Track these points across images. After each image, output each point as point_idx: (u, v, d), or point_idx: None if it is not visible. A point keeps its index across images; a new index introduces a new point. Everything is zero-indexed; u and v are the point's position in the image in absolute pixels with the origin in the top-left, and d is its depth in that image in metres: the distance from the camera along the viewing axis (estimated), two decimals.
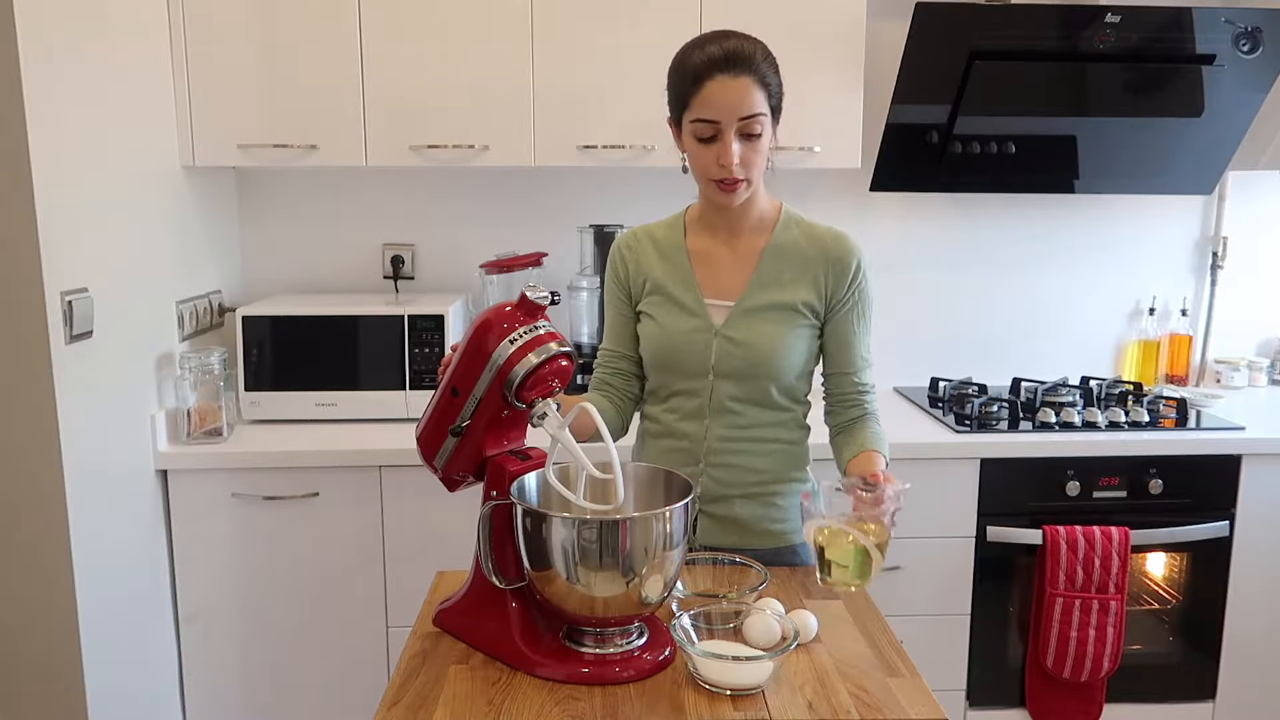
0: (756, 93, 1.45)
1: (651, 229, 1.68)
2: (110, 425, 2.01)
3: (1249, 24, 2.40)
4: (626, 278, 1.66)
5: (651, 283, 1.62)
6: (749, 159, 1.48)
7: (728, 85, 1.44)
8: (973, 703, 2.45)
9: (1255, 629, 2.47)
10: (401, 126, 2.35)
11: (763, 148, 1.49)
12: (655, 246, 1.65)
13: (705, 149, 1.49)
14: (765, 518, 1.62)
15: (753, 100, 1.45)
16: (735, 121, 1.45)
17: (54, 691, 1.89)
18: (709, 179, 1.51)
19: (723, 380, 1.58)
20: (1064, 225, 2.88)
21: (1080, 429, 2.43)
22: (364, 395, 2.39)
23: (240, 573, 2.27)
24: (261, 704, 2.33)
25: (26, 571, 1.85)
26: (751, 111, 1.45)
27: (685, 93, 1.48)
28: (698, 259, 1.61)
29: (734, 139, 1.46)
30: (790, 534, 1.64)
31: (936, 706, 1.20)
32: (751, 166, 1.49)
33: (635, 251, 1.66)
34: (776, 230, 1.60)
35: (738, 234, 1.60)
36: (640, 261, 1.64)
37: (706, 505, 1.62)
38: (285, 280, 2.76)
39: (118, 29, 2.06)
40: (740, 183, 1.50)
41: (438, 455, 1.37)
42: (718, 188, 1.51)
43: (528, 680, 1.24)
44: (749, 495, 1.61)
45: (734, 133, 1.46)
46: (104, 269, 1.97)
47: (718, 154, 1.47)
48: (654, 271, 1.63)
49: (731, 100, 1.45)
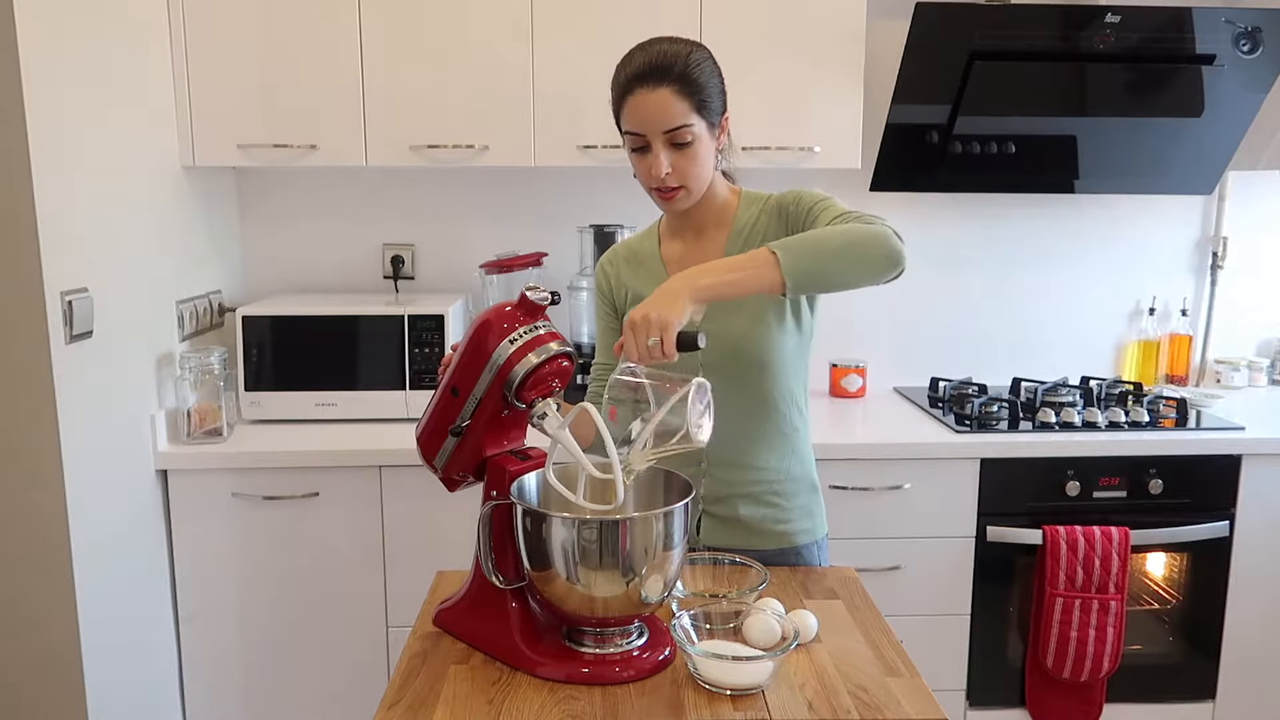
0: (678, 103, 1.44)
1: (629, 243, 1.72)
2: (110, 425, 2.01)
3: (1249, 24, 2.40)
4: (610, 293, 1.70)
5: (632, 294, 1.65)
6: (682, 168, 1.48)
7: (648, 99, 1.44)
8: (973, 703, 2.45)
9: (1255, 629, 2.47)
10: (401, 126, 2.35)
11: (699, 154, 1.48)
12: (631, 258, 1.68)
13: (639, 160, 1.50)
14: (769, 518, 1.62)
15: (673, 112, 1.44)
16: (659, 134, 1.46)
17: (54, 691, 1.89)
18: (648, 188, 1.53)
19: (714, 377, 1.57)
20: (1064, 225, 2.89)
21: (1080, 429, 2.43)
22: (364, 395, 2.39)
23: (240, 573, 2.27)
24: (261, 704, 2.33)
25: (26, 571, 1.85)
26: (674, 124, 1.44)
27: (615, 106, 1.51)
28: (672, 264, 1.63)
29: (662, 149, 1.46)
30: (794, 534, 1.64)
31: (936, 706, 1.20)
32: (687, 175, 1.49)
33: (615, 266, 1.69)
34: (736, 217, 1.60)
35: (702, 232, 1.62)
36: (620, 275, 1.68)
37: (710, 506, 1.62)
38: (285, 280, 2.76)
39: (118, 29, 2.06)
40: (677, 191, 1.50)
41: (438, 455, 1.37)
42: (658, 195, 1.53)
43: (528, 680, 1.24)
44: (752, 495, 1.61)
45: (661, 144, 1.46)
46: (104, 269, 1.97)
47: (649, 165, 1.49)
48: (633, 283, 1.65)
49: (652, 114, 1.44)
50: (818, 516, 1.67)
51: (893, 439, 2.34)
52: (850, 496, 2.32)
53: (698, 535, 1.63)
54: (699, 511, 1.62)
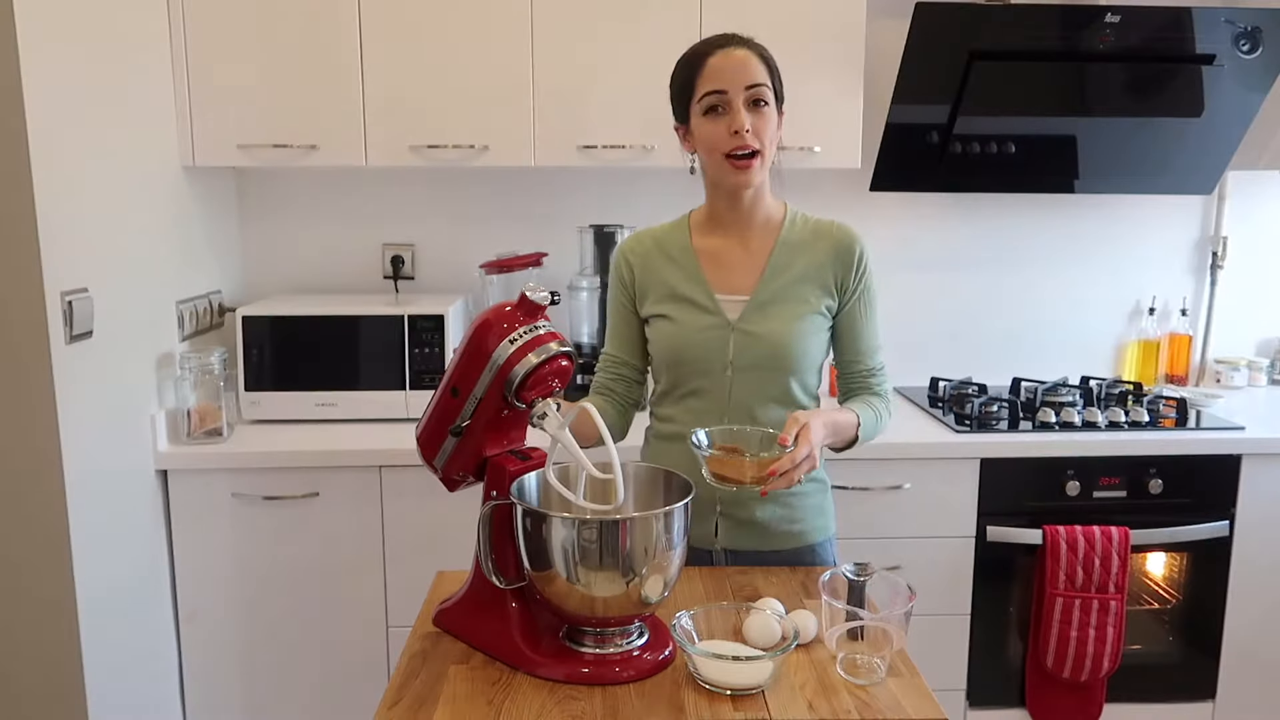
0: (759, 64, 1.50)
1: (654, 232, 1.67)
2: (110, 425, 2.01)
3: (1249, 24, 2.40)
4: (631, 283, 1.65)
5: (661, 286, 1.62)
6: (760, 129, 1.50)
7: (731, 55, 1.49)
8: (973, 703, 2.45)
9: (1255, 629, 2.47)
10: (401, 126, 2.35)
11: (771, 121, 1.51)
12: (660, 249, 1.64)
13: (715, 123, 1.50)
14: (784, 519, 1.63)
15: (756, 69, 1.49)
16: (742, 90, 1.49)
17: (54, 691, 1.89)
18: (722, 155, 1.51)
19: (741, 375, 1.58)
20: (1064, 225, 2.89)
21: (1080, 429, 2.43)
22: (364, 395, 2.39)
23: (240, 573, 2.27)
24: (261, 704, 2.33)
25: (27, 571, 1.85)
26: (756, 80, 1.49)
27: (690, 79, 1.51)
28: (706, 258, 1.61)
29: (743, 106, 1.49)
30: (808, 534, 1.65)
31: (936, 706, 1.20)
32: (763, 137, 1.51)
33: (640, 255, 1.65)
34: (784, 228, 1.61)
35: (748, 232, 1.61)
36: (646, 265, 1.64)
37: (727, 509, 1.62)
38: (285, 280, 2.76)
39: (118, 29, 2.06)
40: (755, 157, 1.50)
41: (438, 455, 1.37)
42: (731, 166, 1.51)
43: (528, 680, 1.24)
44: (768, 497, 1.61)
45: (742, 100, 1.49)
46: (104, 269, 1.97)
47: (729, 123, 1.49)
48: (661, 274, 1.62)
49: (736, 69, 1.49)
50: (828, 514, 1.69)
51: (892, 439, 2.33)
52: (850, 496, 2.32)
53: (715, 538, 1.63)
54: (716, 514, 1.63)
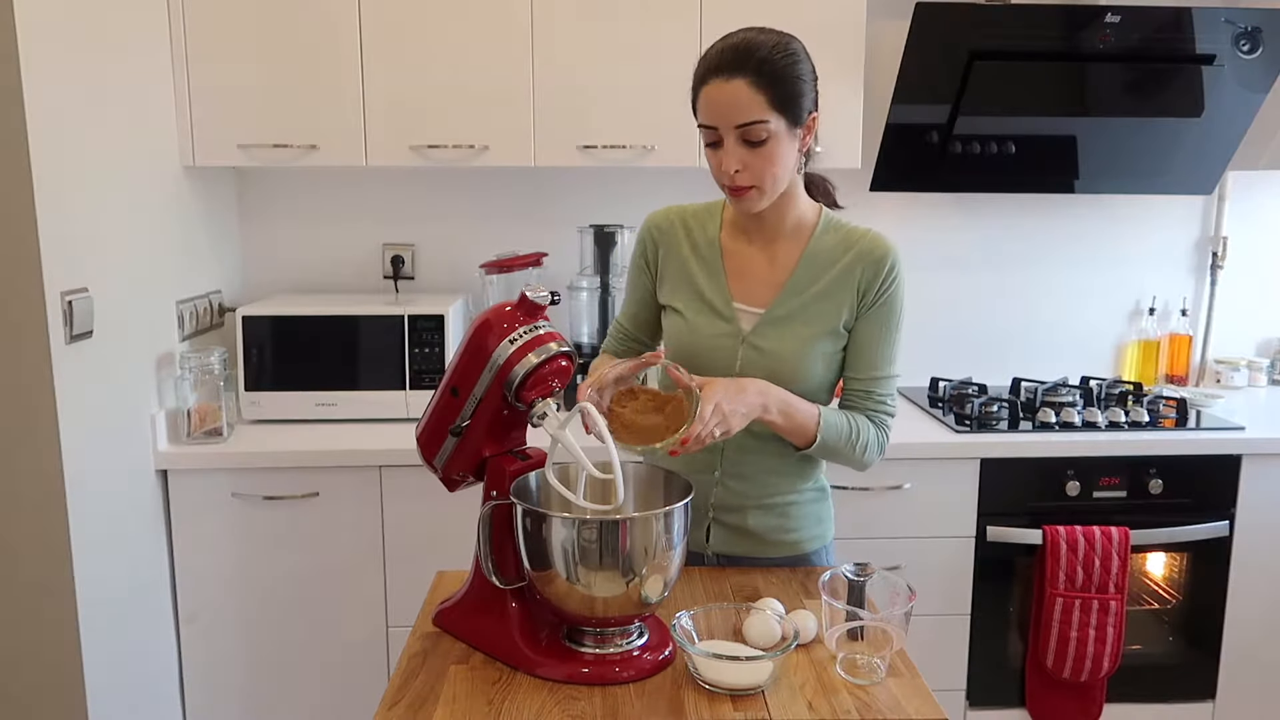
0: (753, 96, 1.36)
1: (686, 214, 1.61)
2: (110, 425, 2.01)
3: (1249, 24, 2.40)
4: (655, 260, 1.61)
5: (681, 276, 1.57)
6: (756, 167, 1.40)
7: (721, 90, 1.37)
8: (973, 703, 2.45)
9: (1255, 629, 2.47)
10: (401, 126, 2.35)
11: (775, 154, 1.40)
12: (688, 235, 1.59)
13: (712, 154, 1.43)
14: (778, 528, 1.60)
15: (746, 106, 1.36)
16: (732, 129, 1.38)
17: (54, 691, 1.89)
18: (720, 184, 1.46)
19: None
20: (1064, 225, 2.89)
21: (1080, 429, 2.43)
22: (364, 395, 2.39)
23: (240, 572, 2.27)
24: (261, 704, 2.33)
25: (26, 571, 1.85)
26: (746, 119, 1.37)
27: (693, 96, 1.44)
28: (731, 259, 1.56)
29: (735, 145, 1.39)
30: (804, 543, 1.62)
31: (936, 706, 1.20)
32: (761, 175, 1.41)
33: (667, 235, 1.59)
34: (814, 236, 1.53)
35: (774, 239, 1.54)
36: (670, 249, 1.59)
37: (720, 514, 1.60)
38: (285, 280, 2.76)
39: (118, 29, 2.06)
40: (749, 190, 1.43)
41: (438, 455, 1.37)
42: (730, 193, 1.46)
43: (528, 680, 1.24)
44: (763, 506, 1.58)
45: (734, 139, 1.39)
46: (104, 269, 1.97)
47: (720, 160, 1.42)
48: (685, 264, 1.57)
49: (726, 107, 1.37)
50: (826, 522, 1.65)
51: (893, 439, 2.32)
52: (850, 496, 2.32)
53: (707, 543, 1.62)
54: (708, 519, 1.61)
